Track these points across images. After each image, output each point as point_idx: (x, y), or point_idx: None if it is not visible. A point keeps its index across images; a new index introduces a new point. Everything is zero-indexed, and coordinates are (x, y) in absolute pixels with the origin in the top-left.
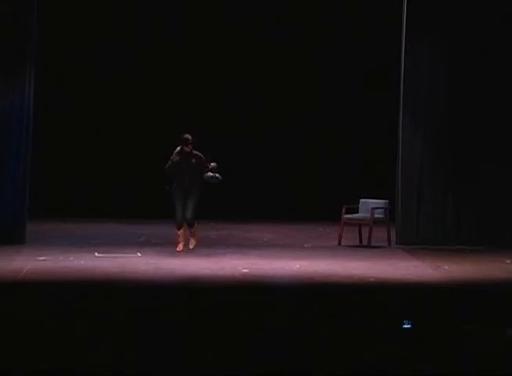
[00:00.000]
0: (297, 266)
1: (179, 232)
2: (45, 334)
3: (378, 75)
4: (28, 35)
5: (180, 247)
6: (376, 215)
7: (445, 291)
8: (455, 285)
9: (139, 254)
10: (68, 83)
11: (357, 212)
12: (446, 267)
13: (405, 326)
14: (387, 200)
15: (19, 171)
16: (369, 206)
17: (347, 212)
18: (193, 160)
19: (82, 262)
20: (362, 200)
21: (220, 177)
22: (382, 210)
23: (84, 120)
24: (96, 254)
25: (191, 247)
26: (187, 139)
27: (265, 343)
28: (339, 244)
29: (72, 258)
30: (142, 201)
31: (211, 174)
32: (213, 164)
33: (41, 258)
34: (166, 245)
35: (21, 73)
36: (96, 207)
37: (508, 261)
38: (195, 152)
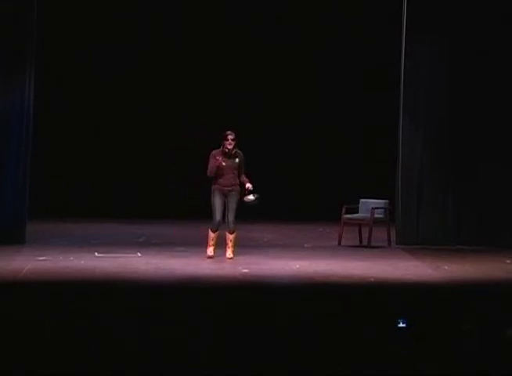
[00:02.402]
0: (297, 266)
1: (214, 235)
2: (45, 334)
3: (378, 75)
4: (28, 35)
5: (211, 251)
6: (376, 215)
7: (445, 291)
8: (455, 285)
9: (139, 254)
10: (68, 83)
11: (357, 212)
12: (446, 267)
13: (400, 325)
14: (387, 200)
15: (19, 171)
16: (369, 206)
17: (347, 212)
18: (237, 159)
19: (82, 262)
20: (362, 200)
21: (259, 197)
22: (382, 210)
23: (84, 120)
24: (96, 254)
25: (231, 256)
26: (227, 135)
27: (265, 343)
28: (339, 244)
29: (72, 258)
30: (142, 201)
31: (252, 197)
32: (248, 185)
33: (41, 258)
34: (166, 245)
35: (21, 73)
36: (96, 207)
37: (508, 261)
38: (238, 151)
